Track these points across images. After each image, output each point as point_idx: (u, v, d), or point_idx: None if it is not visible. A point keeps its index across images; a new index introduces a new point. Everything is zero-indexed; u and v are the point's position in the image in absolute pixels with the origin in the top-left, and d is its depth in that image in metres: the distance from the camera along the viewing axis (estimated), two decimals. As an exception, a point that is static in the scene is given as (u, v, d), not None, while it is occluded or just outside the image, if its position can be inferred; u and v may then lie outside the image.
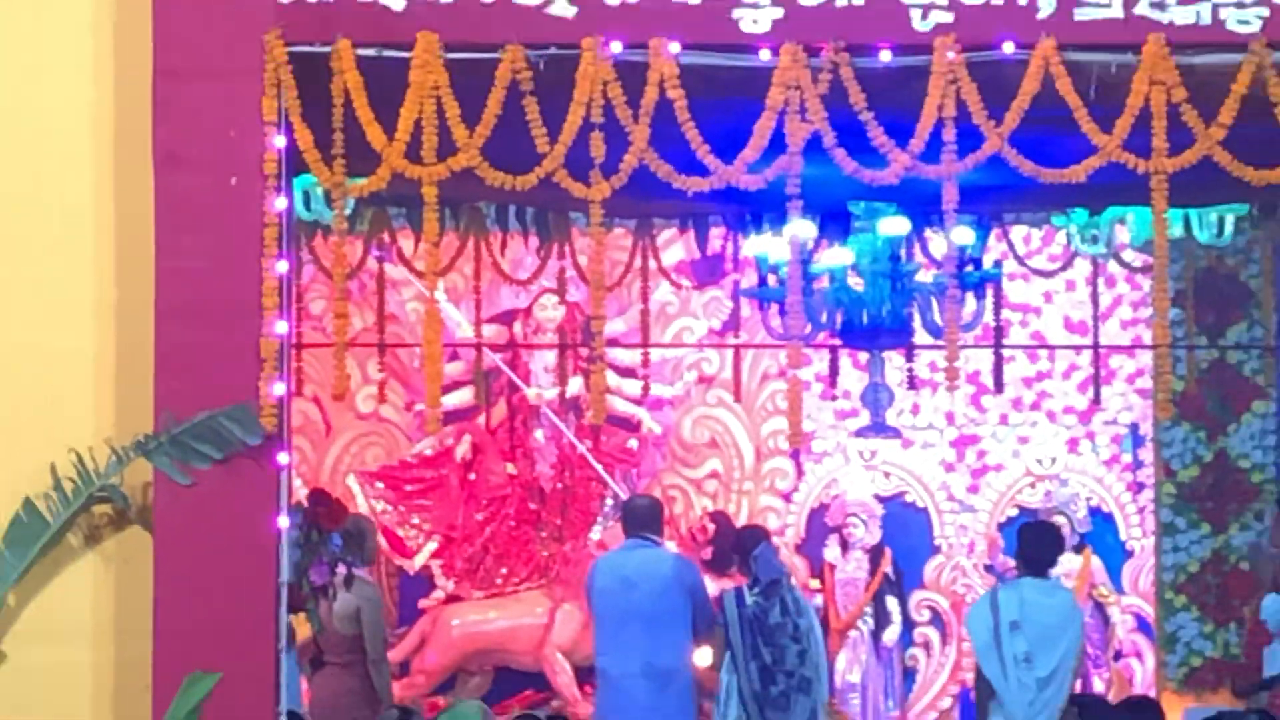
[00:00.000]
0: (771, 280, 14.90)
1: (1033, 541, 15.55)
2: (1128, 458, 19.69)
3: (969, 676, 16.93)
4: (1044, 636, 14.86)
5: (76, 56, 9.24)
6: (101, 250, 9.19)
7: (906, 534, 19.59)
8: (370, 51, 9.07)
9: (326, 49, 9.05)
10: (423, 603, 18.78)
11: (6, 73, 9.25)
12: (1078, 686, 16.38)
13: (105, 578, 9.21)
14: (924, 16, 9.18)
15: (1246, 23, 9.20)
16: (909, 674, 19.17)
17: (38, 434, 9.03)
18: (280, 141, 9.06)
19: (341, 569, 15.33)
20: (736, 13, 9.14)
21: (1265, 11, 9.17)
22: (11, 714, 9.02)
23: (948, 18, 9.17)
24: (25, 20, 9.27)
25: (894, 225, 14.81)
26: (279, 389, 9.17)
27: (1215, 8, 9.19)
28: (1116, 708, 14.88)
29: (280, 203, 9.13)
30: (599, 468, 18.96)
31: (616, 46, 9.11)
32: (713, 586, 16.57)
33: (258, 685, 9.12)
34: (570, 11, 9.08)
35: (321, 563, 15.02)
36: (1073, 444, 19.59)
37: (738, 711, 15.75)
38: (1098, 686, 17.50)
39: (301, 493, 13.60)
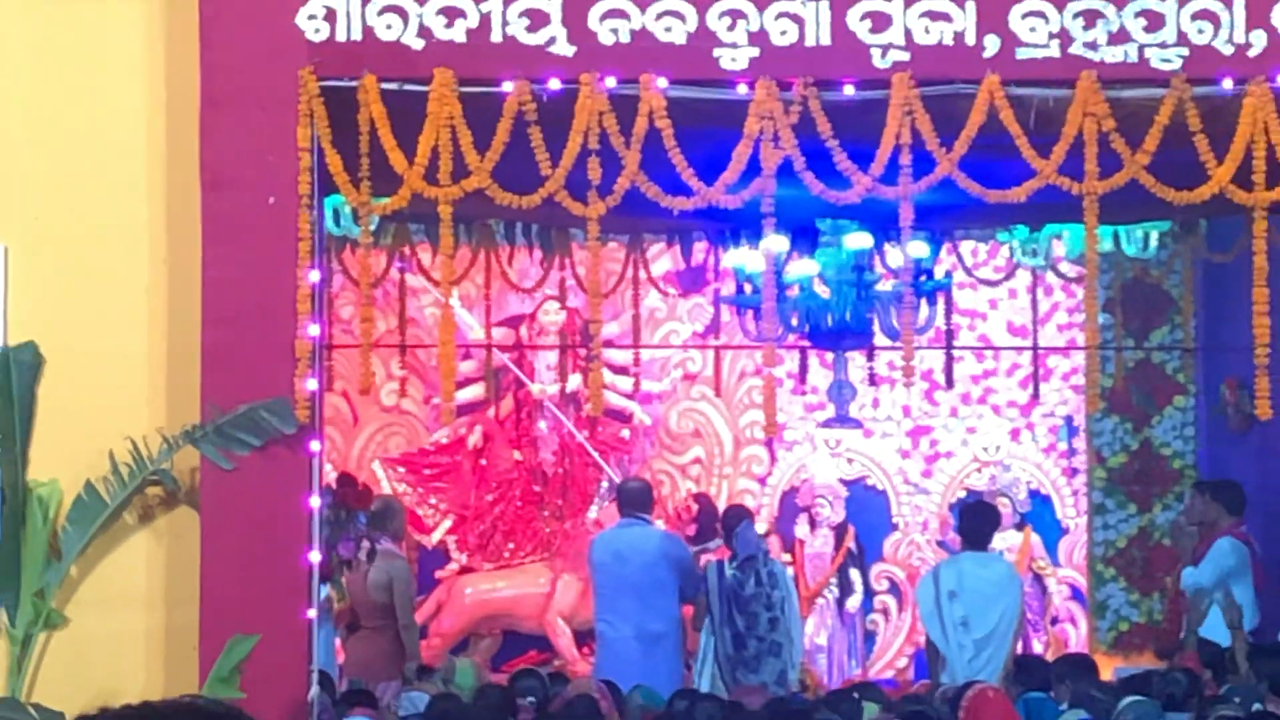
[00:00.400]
0: (748, 289, 15.02)
1: (971, 519, 15.83)
2: (1063, 446, 19.78)
3: (922, 639, 16.93)
4: (980, 603, 15.06)
5: (132, 90, 9.22)
6: (155, 262, 9.19)
7: (867, 513, 19.70)
8: (393, 85, 9.06)
9: (354, 83, 9.04)
10: (439, 573, 18.84)
11: (71, 105, 9.24)
12: (1019, 648, 16.43)
13: (157, 552, 9.20)
14: (883, 55, 9.18)
15: (1168, 61, 9.21)
16: (869, 637, 19.27)
17: (98, 424, 9.02)
18: (312, 165, 9.05)
19: (366, 544, 15.47)
20: (717, 52, 9.14)
21: (1185, 51, 9.18)
22: (78, 672, 9.02)
23: (904, 56, 9.17)
24: (86, 57, 9.26)
25: (857, 240, 14.89)
26: (311, 385, 9.17)
27: (1141, 48, 9.19)
28: (1055, 664, 14.93)
29: (312, 219, 9.14)
30: (595, 455, 19.03)
31: (611, 81, 9.11)
32: (702, 559, 16.70)
33: (292, 647, 9.12)
34: (569, 50, 9.08)
35: (348, 539, 15.12)
36: (1014, 434, 19.67)
37: (713, 669, 15.88)
38: (1037, 648, 17.58)
39: (331, 477, 13.60)
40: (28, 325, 9.11)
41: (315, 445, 9.44)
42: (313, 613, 9.45)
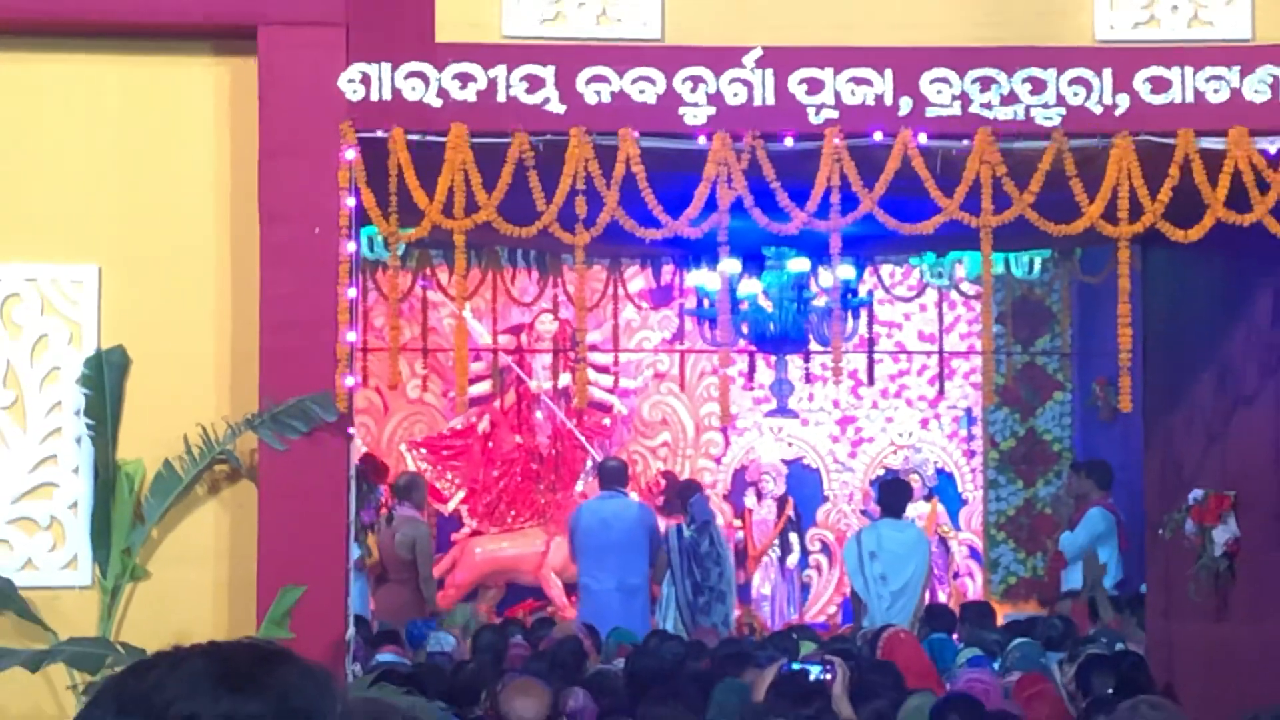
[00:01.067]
0: (706, 303, 15.07)
1: (888, 493, 16.09)
2: (963, 433, 19.96)
3: (848, 590, 17.00)
4: (895, 561, 15.24)
5: (203, 138, 9.19)
6: (221, 280, 9.16)
7: (804, 487, 19.89)
8: (416, 136, 9.04)
9: (385, 135, 9.02)
10: (454, 536, 19.10)
11: (153, 150, 9.21)
12: (927, 598, 16.47)
13: (222, 517, 9.18)
14: (817, 113, 9.17)
15: (1050, 119, 9.20)
16: (805, 588, 19.45)
17: (175, 413, 9.00)
18: (350, 201, 9.04)
19: (384, 511, 15.62)
20: (681, 110, 9.13)
21: (1063, 110, 9.18)
22: (157, 617, 9.00)
23: (835, 114, 9.16)
24: (167, 111, 9.25)
25: (796, 264, 15.00)
26: (349, 381, 9.16)
27: (1027, 108, 9.19)
28: (960, 610, 15.13)
29: (350, 246, 9.13)
30: (582, 439, 19.26)
31: (594, 135, 9.09)
32: (662, 525, 16.79)
33: (332, 596, 9.12)
34: (561, 109, 9.07)
35: (369, 507, 15.24)
36: (924, 423, 19.86)
37: (674, 614, 16.11)
38: (942, 597, 17.72)
39: (360, 454, 13.71)
40: (117, 332, 9.08)
41: (351, 431, 9.46)
42: (350, 566, 9.47)
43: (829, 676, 10.12)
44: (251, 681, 2.09)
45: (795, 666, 10.56)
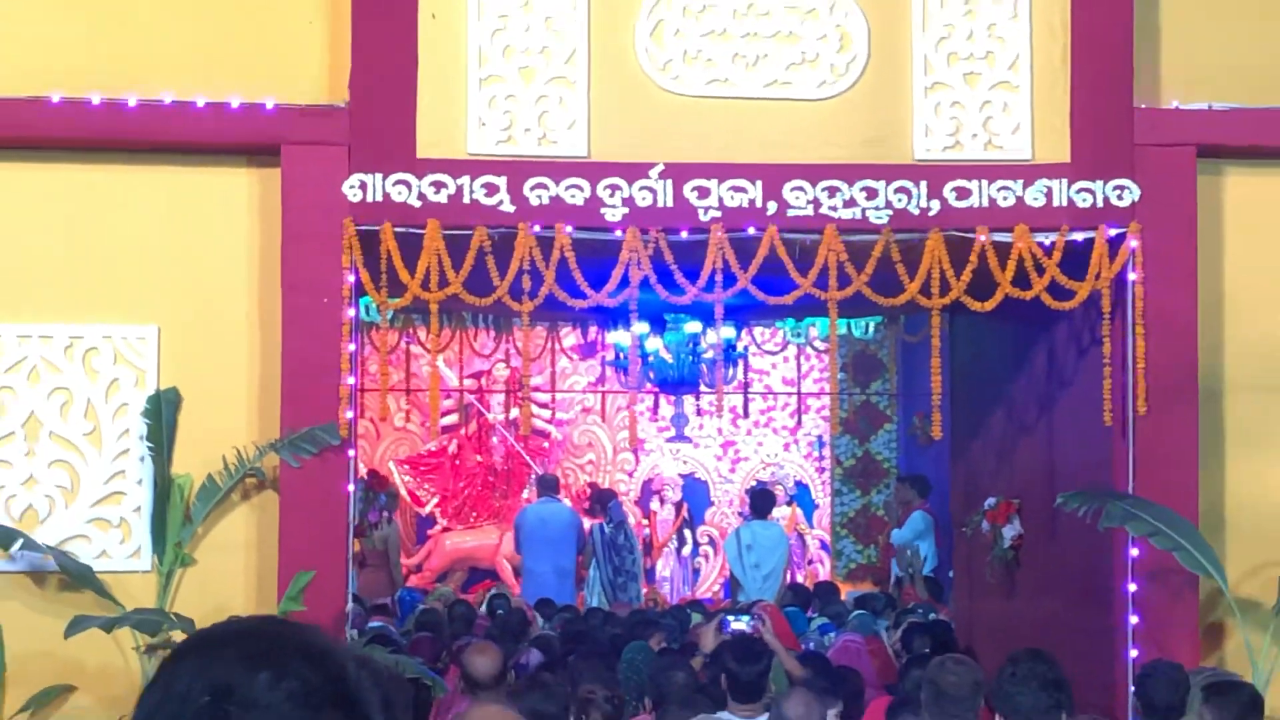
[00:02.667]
0: (622, 356, 15.20)
1: (757, 499, 16.19)
2: (816, 454, 20.04)
3: (728, 573, 17.02)
4: (765, 551, 15.39)
5: (239, 227, 9.17)
6: (252, 337, 9.13)
7: (695, 495, 19.93)
8: (401, 229, 9.03)
9: (377, 228, 9.00)
10: (429, 532, 19.20)
11: (199, 236, 9.18)
12: (788, 579, 16.52)
13: (251, 518, 9.14)
14: (705, 213, 9.16)
15: (880, 219, 9.23)
16: (696, 572, 19.43)
17: (216, 439, 8.96)
18: (351, 278, 9.02)
19: (385, 513, 15.77)
20: (603, 209, 9.12)
21: (890, 212, 9.20)
22: (201, 594, 8.95)
23: (718, 214, 9.15)
24: (208, 206, 9.20)
25: (689, 326, 15.13)
26: (349, 414, 9.13)
27: (863, 210, 9.20)
28: (813, 588, 15.23)
29: (350, 312, 9.10)
30: (526, 457, 19.30)
31: (537, 228, 9.10)
32: (587, 523, 16.84)
33: (335, 578, 9.06)
34: (512, 209, 9.06)
35: (374, 510, 15.29)
36: (786, 446, 19.91)
37: (599, 591, 16.22)
38: (799, 579, 17.68)
39: (362, 471, 13.66)
40: (172, 376, 9.05)
41: (351, 452, 9.41)
42: (349, 557, 9.44)
43: (760, 625, 10.18)
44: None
45: (731, 621, 10.60)
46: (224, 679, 1.94)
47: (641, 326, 15.62)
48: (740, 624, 10.42)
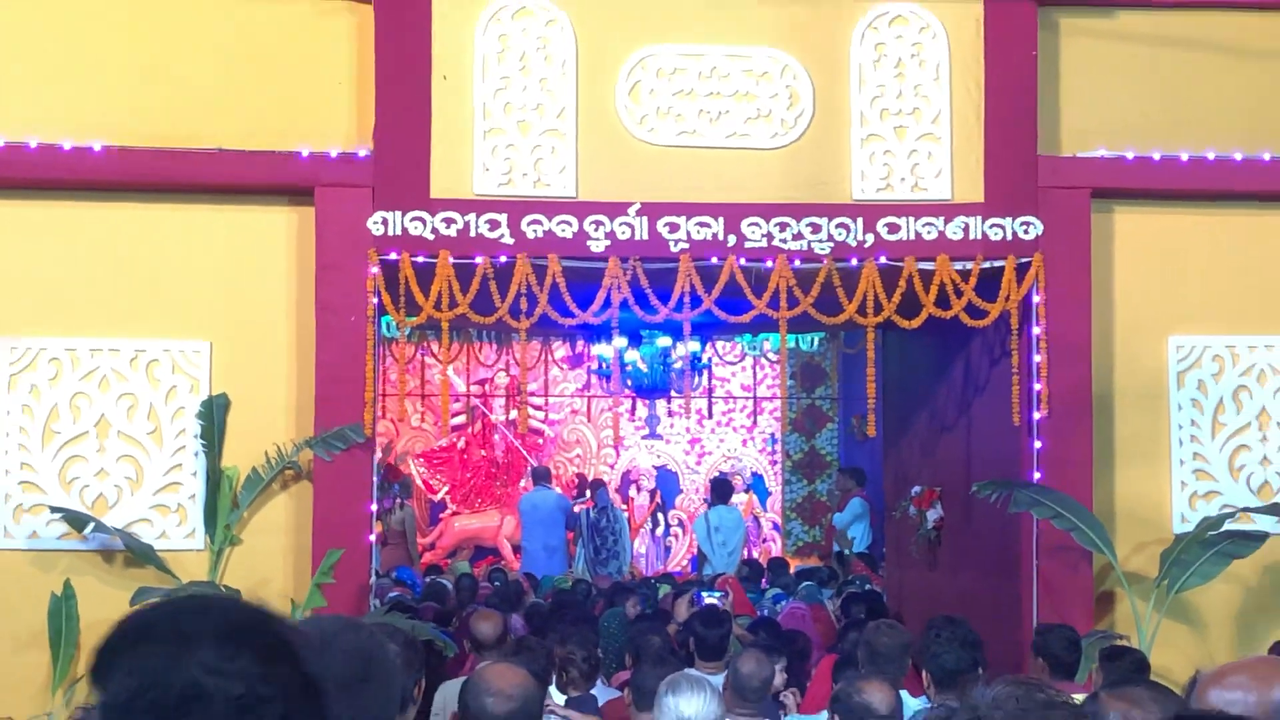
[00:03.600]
0: (604, 366, 15.22)
1: (719, 487, 16.07)
2: (769, 449, 19.93)
3: (695, 550, 17.02)
4: (727, 532, 15.33)
5: (279, 255, 9.15)
6: (290, 351, 9.12)
7: (667, 484, 19.95)
8: (417, 259, 9.03)
9: (396, 258, 9.00)
10: (441, 515, 19.13)
11: (245, 265, 9.17)
12: (746, 555, 16.52)
13: (288, 504, 9.14)
14: (675, 245, 9.17)
15: (823, 250, 9.24)
16: (668, 549, 19.36)
17: (259, 437, 8.95)
18: (374, 300, 9.02)
19: (398, 500, 15.74)
20: (589, 242, 9.13)
21: (832, 244, 9.22)
22: (247, 569, 8.95)
23: (686, 245, 9.15)
24: (253, 237, 9.18)
25: (662, 341, 15.14)
26: (370, 416, 9.13)
27: (809, 243, 9.21)
28: (767, 563, 15.25)
29: (373, 329, 9.11)
30: (524, 452, 19.14)
31: (532, 258, 9.10)
32: (577, 508, 16.81)
33: (360, 555, 9.06)
34: (511, 241, 9.06)
35: (389, 497, 15.21)
36: (744, 442, 19.84)
37: (584, 566, 16.19)
38: (755, 555, 17.69)
39: (382, 463, 13.66)
40: (222, 383, 9.04)
41: (374, 448, 9.41)
42: (372, 537, 9.43)
43: (726, 598, 10.21)
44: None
45: (703, 594, 10.61)
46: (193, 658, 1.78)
47: (621, 341, 15.68)
48: (712, 598, 10.44)
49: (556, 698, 7.62)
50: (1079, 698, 3.92)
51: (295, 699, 1.84)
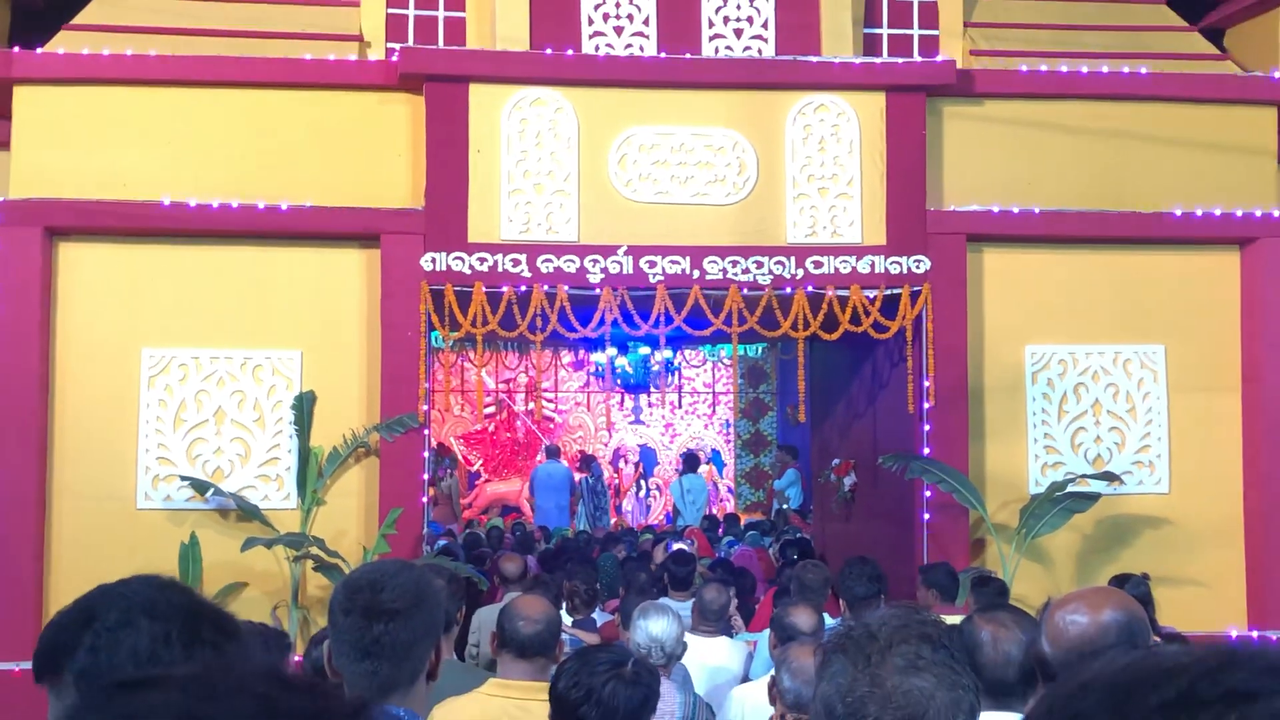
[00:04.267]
0: (600, 368, 15.08)
1: (689, 460, 16.05)
2: (725, 431, 19.82)
3: (670, 508, 16.97)
4: (695, 492, 15.13)
5: (354, 289, 9.12)
6: (362, 357, 9.10)
7: (648, 458, 19.85)
8: (458, 288, 9.02)
9: (442, 288, 9.00)
10: (477, 483, 18.88)
11: (326, 295, 9.15)
12: (709, 510, 16.47)
13: (361, 475, 9.12)
14: (652, 278, 9.17)
15: (765, 280, 9.25)
16: (648, 507, 19.22)
17: (339, 423, 8.95)
18: (425, 319, 9.01)
19: (448, 470, 15.53)
20: (588, 275, 9.13)
21: (771, 276, 9.23)
22: (329, 524, 8.92)
23: (661, 278, 9.16)
24: (332, 277, 9.15)
25: (643, 350, 15.02)
26: (424, 406, 9.11)
27: (755, 276, 9.22)
28: (724, 518, 15.10)
29: (426, 341, 9.09)
30: (539, 434, 19.01)
31: (546, 288, 9.09)
32: (578, 477, 16.69)
33: (416, 513, 9.05)
34: (529, 274, 9.06)
35: (443, 468, 15.03)
36: (705, 426, 19.70)
37: (585, 520, 16.05)
38: (714, 511, 17.65)
39: (431, 443, 13.63)
40: (311, 382, 9.03)
41: (426, 432, 9.38)
42: (424, 498, 9.39)
43: (692, 545, 10.21)
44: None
45: (673, 542, 10.61)
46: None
47: (612, 350, 15.80)
48: (681, 545, 10.43)
49: (566, 620, 7.62)
50: (958, 618, 3.92)
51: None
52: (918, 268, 9.37)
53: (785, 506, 15.75)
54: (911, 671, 1.81)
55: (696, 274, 9.18)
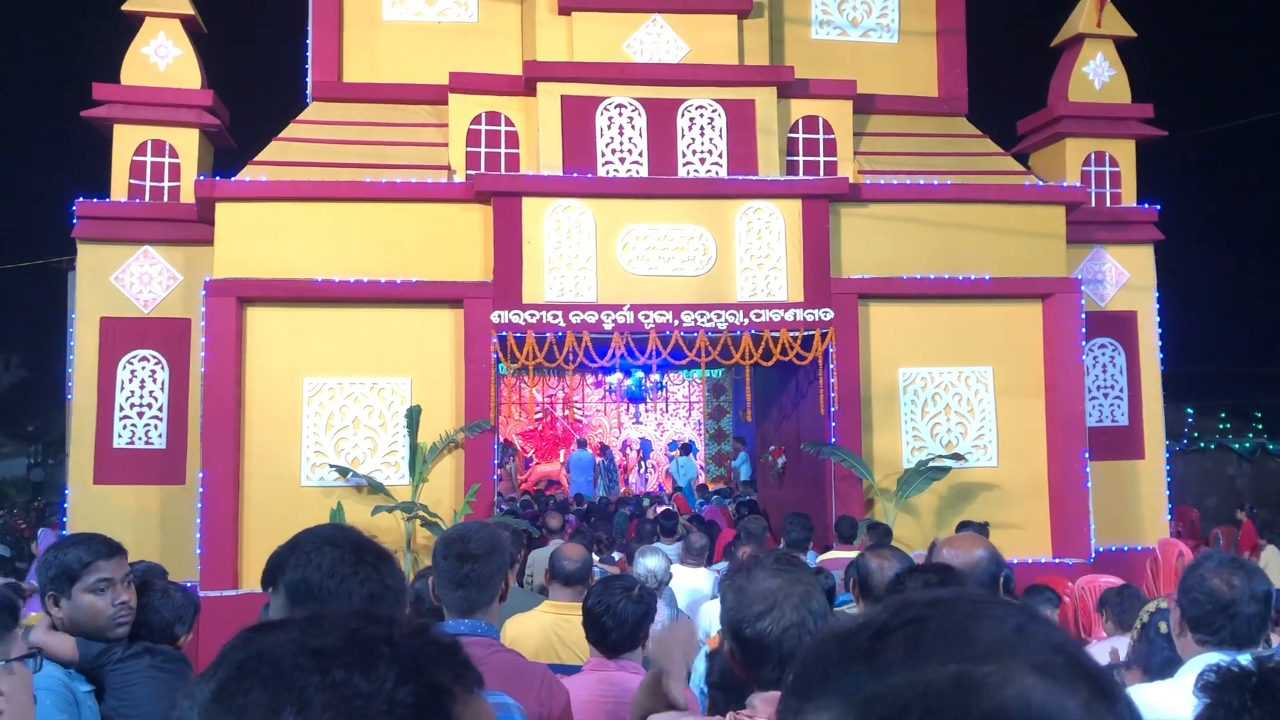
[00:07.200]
0: (612, 387, 14.90)
1: (683, 448, 15.86)
2: (698, 428, 19.55)
3: (667, 483, 16.77)
4: (685, 469, 15.02)
5: (444, 339, 9.08)
6: (451, 383, 9.08)
7: (646, 447, 19.42)
8: (516, 335, 9.00)
9: (506, 335, 8.99)
10: (529, 466, 18.50)
11: (427, 343, 9.08)
12: (698, 482, 16.20)
13: (452, 463, 9.10)
14: (647, 325, 9.15)
15: (721, 328, 9.25)
16: (646, 480, 19.01)
17: (437, 427, 8.93)
18: (494, 355, 8.97)
19: (511, 455, 15.04)
20: (605, 324, 9.11)
21: (726, 324, 9.20)
22: (432, 495, 8.85)
23: (652, 325, 9.16)
24: (431, 331, 9.05)
25: (638, 374, 14.80)
26: (492, 415, 9.06)
27: (715, 324, 9.21)
28: (699, 488, 14.85)
29: (494, 371, 9.04)
30: (572, 431, 18.77)
31: (576, 334, 9.05)
32: (598, 460, 16.41)
33: (487, 488, 9.00)
34: (563, 325, 9.04)
35: (506, 455, 14.72)
36: (684, 424, 19.45)
37: (603, 489, 15.82)
38: (704, 482, 17.46)
39: (498, 438, 13.48)
40: (418, 399, 9.03)
41: (496, 433, 9.31)
42: (494, 476, 9.33)
43: (675, 506, 10.10)
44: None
45: (661, 506, 10.51)
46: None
47: (620, 374, 15.70)
48: (667, 506, 10.37)
49: (594, 559, 7.59)
50: (854, 553, 3.93)
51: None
52: (825, 316, 9.41)
53: (739, 479, 15.69)
54: (768, 577, 1.99)
55: (676, 323, 9.21)
